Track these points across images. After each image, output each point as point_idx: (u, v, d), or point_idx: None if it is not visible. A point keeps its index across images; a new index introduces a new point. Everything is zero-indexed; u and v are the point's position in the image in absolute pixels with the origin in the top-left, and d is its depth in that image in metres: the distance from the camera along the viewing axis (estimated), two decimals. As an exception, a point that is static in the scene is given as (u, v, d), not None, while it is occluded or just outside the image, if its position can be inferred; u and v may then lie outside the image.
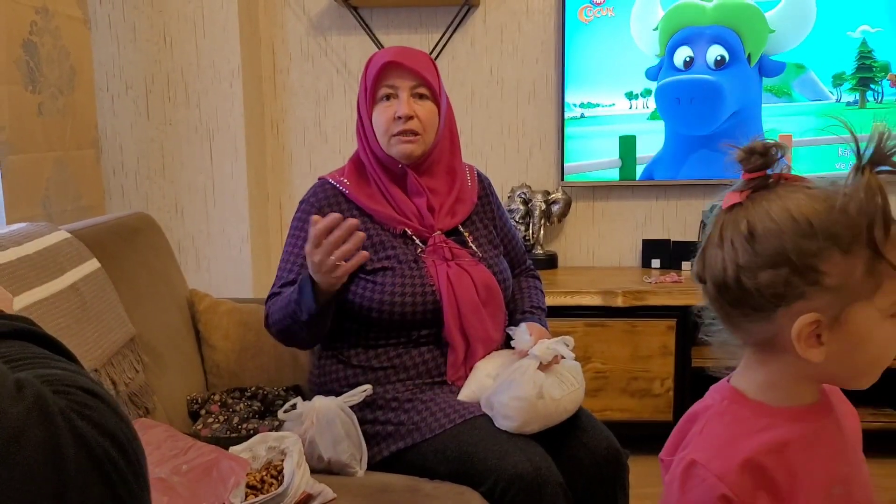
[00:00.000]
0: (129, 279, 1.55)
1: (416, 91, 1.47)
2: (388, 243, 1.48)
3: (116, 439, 0.50)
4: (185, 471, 1.16)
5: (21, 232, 1.33)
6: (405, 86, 1.46)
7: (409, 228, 1.49)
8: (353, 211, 1.50)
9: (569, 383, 1.37)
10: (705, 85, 2.53)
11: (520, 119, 2.71)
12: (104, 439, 0.50)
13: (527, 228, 2.65)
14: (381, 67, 1.46)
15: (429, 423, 1.38)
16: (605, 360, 2.39)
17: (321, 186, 1.54)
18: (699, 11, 2.52)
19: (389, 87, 1.47)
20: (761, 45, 2.51)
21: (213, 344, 1.75)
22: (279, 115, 2.73)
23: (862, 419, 2.52)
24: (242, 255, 2.50)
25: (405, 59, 1.46)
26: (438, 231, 1.50)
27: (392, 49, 1.51)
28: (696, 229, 2.71)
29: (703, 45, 2.52)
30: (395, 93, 1.47)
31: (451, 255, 1.48)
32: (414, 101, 1.47)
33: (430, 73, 1.49)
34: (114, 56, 2.41)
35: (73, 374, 0.53)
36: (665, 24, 2.53)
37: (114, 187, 2.47)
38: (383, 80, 1.47)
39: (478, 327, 1.45)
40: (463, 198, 1.56)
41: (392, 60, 1.46)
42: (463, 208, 1.56)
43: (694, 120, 2.56)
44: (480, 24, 2.67)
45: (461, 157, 1.60)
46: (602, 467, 1.36)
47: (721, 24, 2.51)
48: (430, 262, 1.46)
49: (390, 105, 1.47)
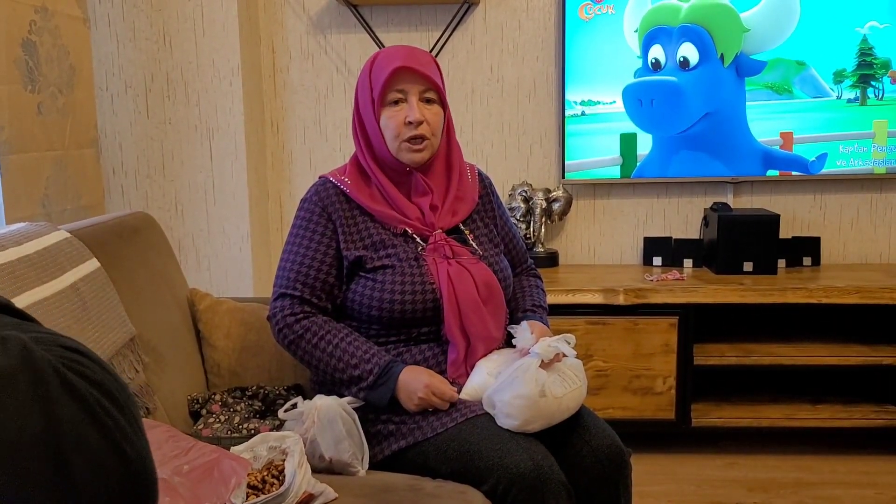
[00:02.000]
0: (129, 279, 1.55)
1: (424, 95, 1.46)
2: (388, 242, 1.47)
3: (105, 388, 0.49)
4: (187, 471, 1.15)
5: (21, 232, 1.32)
6: (415, 90, 1.45)
7: (410, 228, 1.49)
8: (353, 210, 1.50)
9: (571, 381, 1.37)
10: (665, 87, 2.52)
11: (520, 117, 2.70)
12: (93, 388, 0.48)
13: (528, 226, 2.65)
14: (393, 71, 1.44)
15: (430, 422, 1.37)
16: (607, 358, 2.39)
17: (322, 185, 1.53)
18: (674, 12, 2.51)
19: (399, 91, 1.45)
20: (735, 44, 2.49)
21: (213, 343, 1.75)
22: (279, 113, 2.72)
23: (864, 416, 2.52)
24: (243, 253, 2.50)
25: (416, 63, 1.45)
26: (439, 229, 1.50)
27: (400, 52, 1.48)
28: (697, 227, 2.70)
29: (674, 46, 2.51)
30: (405, 97, 1.46)
31: (452, 253, 1.48)
32: (422, 106, 1.46)
33: (437, 75, 1.49)
34: (113, 55, 2.41)
35: (52, 336, 0.52)
36: (642, 25, 2.53)
37: (113, 186, 2.47)
38: (393, 84, 1.45)
39: (478, 325, 1.44)
40: (464, 196, 1.56)
41: (403, 66, 1.44)
42: (464, 207, 1.55)
43: (658, 121, 2.56)
44: (480, 21, 2.66)
45: (461, 154, 1.59)
46: (605, 466, 1.36)
47: (693, 23, 2.50)
48: (431, 260, 1.46)
49: (400, 110, 1.45)
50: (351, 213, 1.49)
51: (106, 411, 0.48)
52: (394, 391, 1.39)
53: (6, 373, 0.45)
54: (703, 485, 2.27)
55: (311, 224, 1.49)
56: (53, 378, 0.46)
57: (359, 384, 1.41)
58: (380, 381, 1.40)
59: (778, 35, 2.50)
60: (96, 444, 0.47)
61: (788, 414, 2.41)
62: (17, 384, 0.45)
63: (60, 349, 0.50)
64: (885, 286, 2.33)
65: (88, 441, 0.46)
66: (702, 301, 2.35)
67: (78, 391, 0.47)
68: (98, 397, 0.48)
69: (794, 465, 2.38)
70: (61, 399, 0.46)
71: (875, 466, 2.35)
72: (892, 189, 2.67)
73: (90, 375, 0.49)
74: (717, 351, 2.43)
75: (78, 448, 0.46)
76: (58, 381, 0.47)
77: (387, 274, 1.44)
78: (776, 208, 2.65)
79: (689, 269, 2.60)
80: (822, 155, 2.55)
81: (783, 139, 2.56)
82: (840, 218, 2.69)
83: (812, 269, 2.59)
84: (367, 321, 1.48)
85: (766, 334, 2.55)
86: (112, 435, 0.48)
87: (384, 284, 1.43)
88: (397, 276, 1.44)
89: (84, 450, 0.46)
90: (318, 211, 1.50)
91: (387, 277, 1.44)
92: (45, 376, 0.46)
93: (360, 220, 1.49)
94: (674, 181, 2.64)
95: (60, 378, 0.47)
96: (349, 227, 1.48)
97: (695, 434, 2.47)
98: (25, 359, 0.46)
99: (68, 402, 0.46)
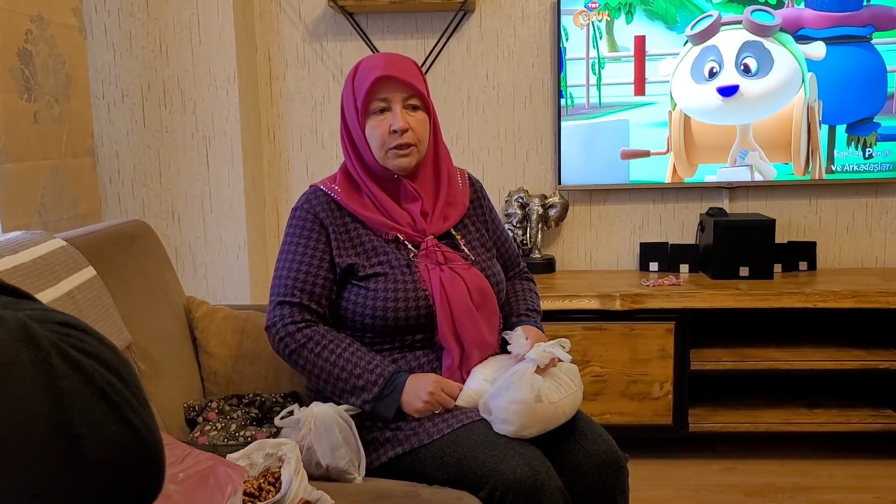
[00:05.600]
0: (125, 287, 1.55)
1: (408, 103, 1.47)
2: (380, 249, 1.48)
3: (105, 360, 0.50)
4: (182, 479, 1.15)
5: (16, 240, 1.32)
6: (398, 98, 1.46)
7: (401, 234, 1.49)
8: (345, 217, 1.50)
9: (566, 386, 1.37)
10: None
11: (516, 123, 2.71)
12: (94, 361, 0.49)
13: (524, 233, 2.65)
14: (375, 81, 1.45)
15: (426, 429, 1.37)
16: (604, 363, 2.39)
17: (313, 193, 1.53)
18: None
19: (382, 100, 1.46)
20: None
21: (210, 351, 1.75)
22: (275, 121, 2.73)
23: (861, 420, 2.52)
24: (240, 261, 2.50)
25: (397, 71, 1.45)
26: (431, 235, 1.50)
27: (381, 60, 1.49)
28: (693, 232, 2.71)
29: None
30: (389, 105, 1.46)
31: (444, 259, 1.48)
32: (407, 113, 1.46)
33: (420, 82, 1.49)
34: (109, 64, 2.41)
35: (47, 312, 0.52)
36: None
37: (110, 195, 2.47)
38: (376, 93, 1.46)
39: (472, 331, 1.44)
40: (454, 201, 1.56)
41: (384, 75, 1.45)
42: (455, 212, 1.55)
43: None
44: (476, 29, 2.67)
45: (450, 159, 1.59)
46: (601, 471, 1.36)
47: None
48: (423, 266, 1.46)
49: (384, 118, 1.46)
50: (342, 220, 1.50)
51: (109, 383, 0.48)
52: (399, 401, 1.39)
53: (7, 352, 0.45)
54: (701, 490, 2.27)
55: (305, 231, 1.50)
56: (55, 354, 0.47)
57: (362, 395, 1.40)
58: (385, 392, 1.40)
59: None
60: (103, 416, 0.47)
61: (785, 418, 2.41)
62: (19, 363, 0.45)
63: (56, 325, 0.50)
64: (881, 290, 2.34)
65: (95, 413, 0.47)
66: (698, 306, 2.35)
67: (80, 365, 0.47)
68: (100, 370, 0.48)
69: (791, 469, 2.38)
70: (65, 374, 0.46)
71: (872, 470, 2.35)
72: (886, 193, 2.68)
73: (89, 349, 0.49)
74: (714, 356, 2.43)
75: (86, 420, 0.46)
76: (60, 357, 0.47)
77: (379, 282, 1.44)
78: (772, 213, 2.65)
79: (686, 274, 2.61)
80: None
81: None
82: (836, 222, 2.70)
83: (808, 274, 2.59)
84: (360, 329, 1.48)
85: (762, 339, 2.55)
86: (118, 406, 0.48)
87: (377, 292, 1.44)
88: (390, 283, 1.44)
89: (92, 421, 0.46)
90: (310, 218, 1.50)
91: (379, 285, 1.44)
92: (47, 354, 0.46)
93: (351, 227, 1.50)
94: (669, 186, 2.65)
95: (62, 354, 0.47)
96: (341, 235, 1.49)
97: (692, 439, 2.47)
98: (25, 337, 0.46)
99: (71, 376, 0.46)
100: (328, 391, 1.45)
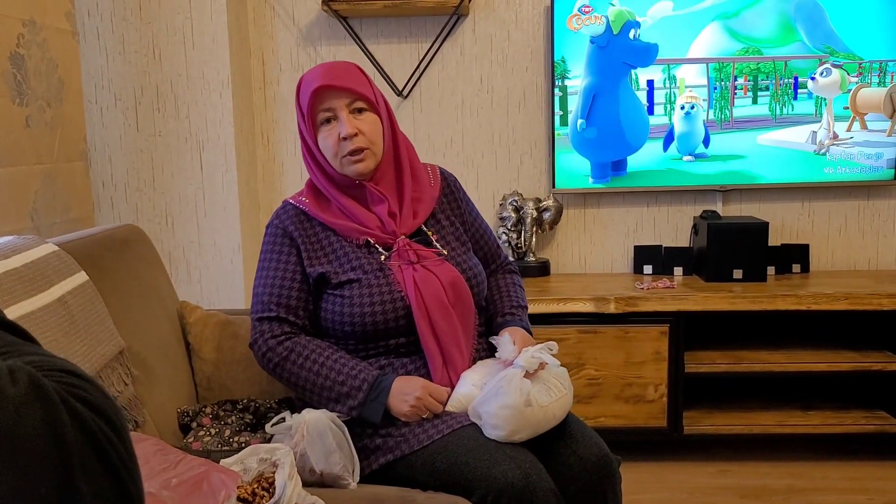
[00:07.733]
0: (118, 291, 1.54)
1: (353, 107, 1.47)
2: (352, 255, 1.47)
3: (106, 415, 0.51)
4: (175, 484, 1.15)
5: (8, 245, 1.32)
6: (341, 105, 1.46)
7: (372, 238, 1.49)
8: (315, 227, 1.51)
9: (556, 389, 1.37)
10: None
11: (510, 127, 2.71)
12: (96, 415, 0.50)
13: (518, 236, 2.66)
14: (313, 93, 1.45)
15: (416, 435, 1.37)
16: (599, 366, 2.39)
17: (283, 209, 1.55)
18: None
19: (326, 110, 1.46)
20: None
21: (203, 356, 1.74)
22: (269, 125, 2.73)
23: (855, 422, 2.53)
24: (234, 265, 2.50)
25: (333, 80, 1.45)
26: (403, 235, 1.49)
27: (319, 71, 1.48)
28: (687, 235, 2.72)
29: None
30: (335, 114, 1.46)
31: (417, 257, 1.47)
32: (354, 118, 1.46)
33: (362, 85, 1.48)
34: (102, 68, 2.41)
35: (49, 359, 0.54)
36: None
37: (103, 199, 2.47)
38: (318, 104, 1.47)
39: (447, 329, 1.44)
40: (421, 196, 1.55)
41: (322, 85, 1.45)
42: (423, 207, 1.55)
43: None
44: (470, 33, 2.68)
45: (410, 153, 1.57)
46: (592, 474, 1.36)
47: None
48: (397, 267, 1.46)
49: (333, 128, 1.46)
50: (312, 230, 1.50)
51: (108, 439, 0.50)
52: (385, 405, 1.39)
53: (19, 405, 0.46)
54: (696, 492, 2.27)
55: (276, 247, 1.51)
56: (63, 410, 0.48)
57: (347, 402, 1.40)
58: (371, 397, 1.39)
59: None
60: (100, 471, 0.49)
61: (780, 420, 2.42)
62: (31, 416, 0.46)
63: (59, 374, 0.52)
64: (873, 292, 2.34)
65: (93, 469, 0.49)
66: (692, 309, 2.36)
67: (85, 421, 0.49)
68: (100, 425, 0.50)
69: (785, 471, 2.38)
70: (71, 429, 0.48)
71: (866, 472, 2.36)
72: (878, 196, 2.69)
73: (91, 401, 0.51)
74: (708, 358, 2.43)
75: (85, 476, 0.48)
76: (68, 412, 0.48)
77: (354, 288, 1.44)
78: (765, 216, 2.66)
79: (680, 277, 2.61)
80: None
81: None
82: (828, 225, 2.71)
83: (801, 276, 2.60)
84: (342, 337, 1.48)
85: (756, 341, 2.55)
86: (112, 462, 0.50)
87: (352, 299, 1.43)
88: (364, 288, 1.44)
89: (90, 477, 0.48)
90: (279, 234, 1.51)
91: (354, 291, 1.44)
92: (58, 410, 0.48)
93: (322, 236, 1.50)
94: (663, 190, 2.66)
95: (70, 409, 0.49)
96: (311, 245, 1.49)
97: (686, 441, 2.47)
98: (37, 393, 0.48)
99: (76, 431, 0.48)
100: (314, 401, 1.44)
